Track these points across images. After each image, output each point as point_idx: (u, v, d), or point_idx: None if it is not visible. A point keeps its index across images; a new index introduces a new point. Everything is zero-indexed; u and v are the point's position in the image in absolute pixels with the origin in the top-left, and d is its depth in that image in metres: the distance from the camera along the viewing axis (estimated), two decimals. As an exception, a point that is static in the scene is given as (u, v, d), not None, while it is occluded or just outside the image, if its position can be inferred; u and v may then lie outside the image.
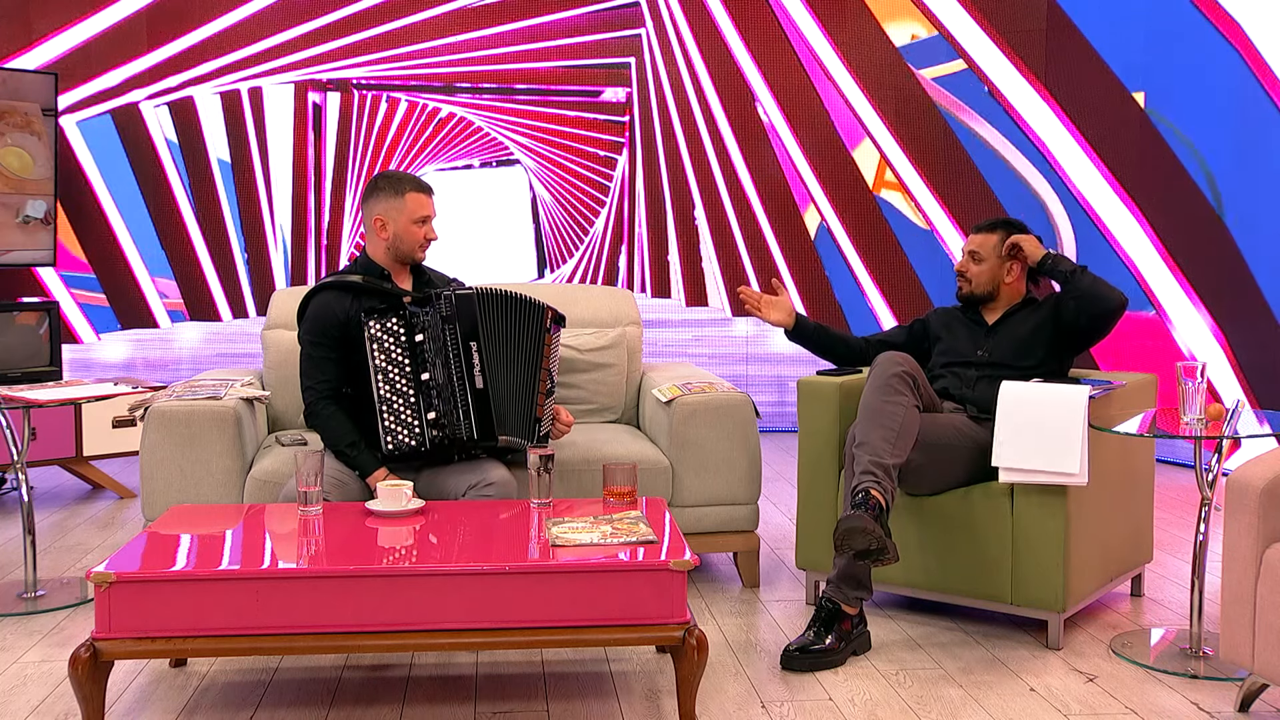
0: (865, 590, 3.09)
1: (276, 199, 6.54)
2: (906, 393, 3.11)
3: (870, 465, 2.98)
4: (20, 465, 3.51)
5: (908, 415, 3.08)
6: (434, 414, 3.14)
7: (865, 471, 2.97)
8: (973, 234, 3.54)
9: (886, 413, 3.07)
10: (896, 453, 3.02)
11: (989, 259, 3.49)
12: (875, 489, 2.93)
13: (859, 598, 3.07)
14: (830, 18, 6.53)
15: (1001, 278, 3.49)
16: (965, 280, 3.53)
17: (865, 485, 2.94)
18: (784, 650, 3.00)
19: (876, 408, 3.09)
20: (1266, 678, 2.52)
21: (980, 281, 3.50)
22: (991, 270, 3.49)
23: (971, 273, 3.51)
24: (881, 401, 3.09)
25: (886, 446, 3.01)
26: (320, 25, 6.43)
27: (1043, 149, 6.13)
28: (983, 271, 3.49)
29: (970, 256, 3.51)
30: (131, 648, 2.41)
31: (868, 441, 3.04)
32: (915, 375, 3.17)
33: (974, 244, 3.51)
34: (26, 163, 5.42)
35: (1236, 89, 5.30)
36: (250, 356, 6.33)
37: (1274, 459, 2.61)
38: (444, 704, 2.75)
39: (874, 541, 2.82)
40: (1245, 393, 5.30)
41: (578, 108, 6.69)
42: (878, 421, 3.06)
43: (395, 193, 3.24)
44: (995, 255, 3.49)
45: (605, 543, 2.59)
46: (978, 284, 3.51)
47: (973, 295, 3.52)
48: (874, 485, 2.93)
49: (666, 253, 6.76)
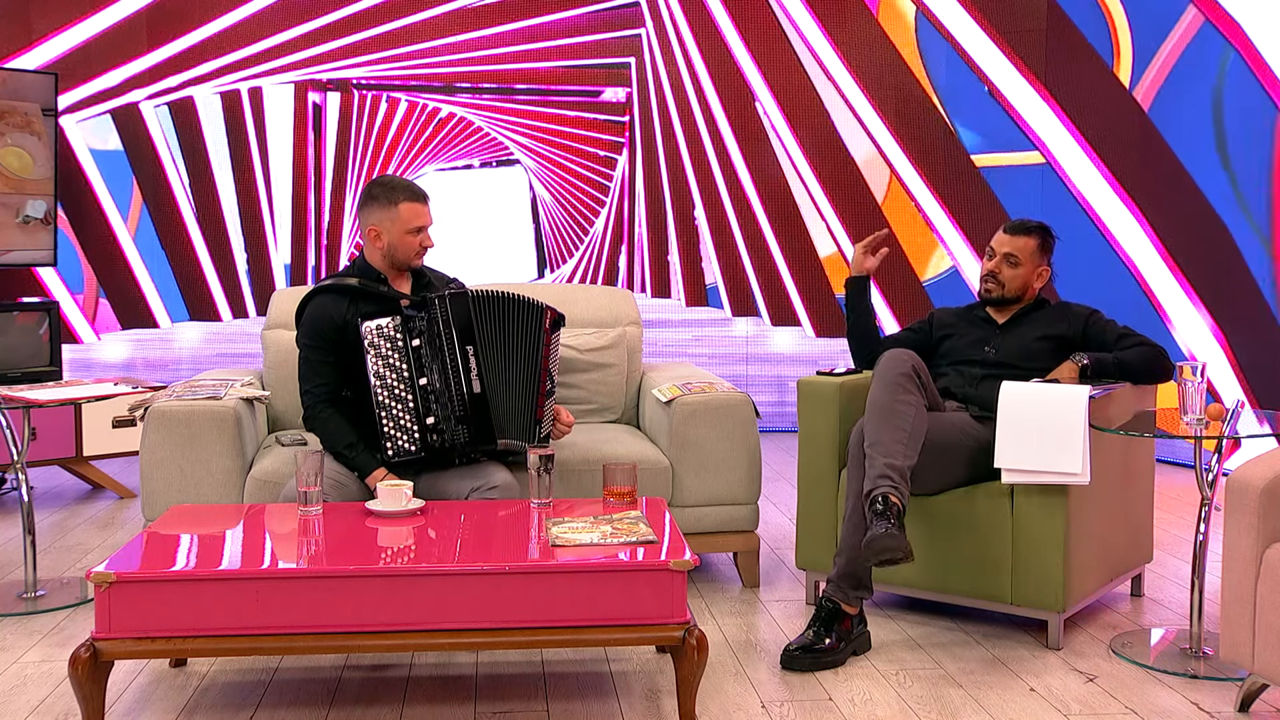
0: (866, 590, 3.08)
1: (276, 199, 6.54)
2: (914, 391, 3.10)
3: (885, 469, 2.96)
4: (20, 465, 3.51)
5: (917, 415, 3.07)
6: (432, 419, 3.14)
7: (881, 475, 2.95)
8: (1005, 235, 3.44)
9: (898, 412, 3.05)
10: (909, 454, 3.01)
11: (1026, 264, 3.41)
12: (894, 494, 2.91)
13: (860, 597, 3.07)
14: (830, 18, 6.53)
15: (1033, 283, 3.46)
16: (996, 283, 3.44)
17: (883, 490, 2.92)
18: (784, 650, 3.00)
19: (887, 406, 3.07)
20: (1266, 678, 2.52)
21: (1014, 286, 3.43)
22: (1026, 275, 3.43)
23: (1005, 275, 3.42)
24: (892, 400, 3.07)
25: (899, 448, 2.99)
26: (320, 25, 6.43)
27: (1043, 149, 6.14)
28: (1017, 276, 3.42)
29: (1005, 259, 3.42)
30: (131, 648, 2.41)
31: (880, 442, 3.01)
32: (921, 372, 3.16)
33: (1010, 246, 3.42)
34: (26, 163, 5.42)
35: (1236, 89, 5.30)
36: (250, 356, 6.33)
37: (1274, 459, 2.61)
38: (444, 704, 2.75)
39: (900, 554, 2.83)
40: (1245, 393, 5.30)
41: (578, 108, 6.69)
42: (890, 422, 3.04)
43: (389, 202, 3.21)
44: (1031, 261, 3.41)
45: (605, 543, 2.59)
46: (1011, 288, 3.43)
47: (1003, 298, 3.45)
48: (891, 490, 2.92)
49: (666, 253, 6.76)
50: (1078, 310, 3.46)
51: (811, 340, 6.69)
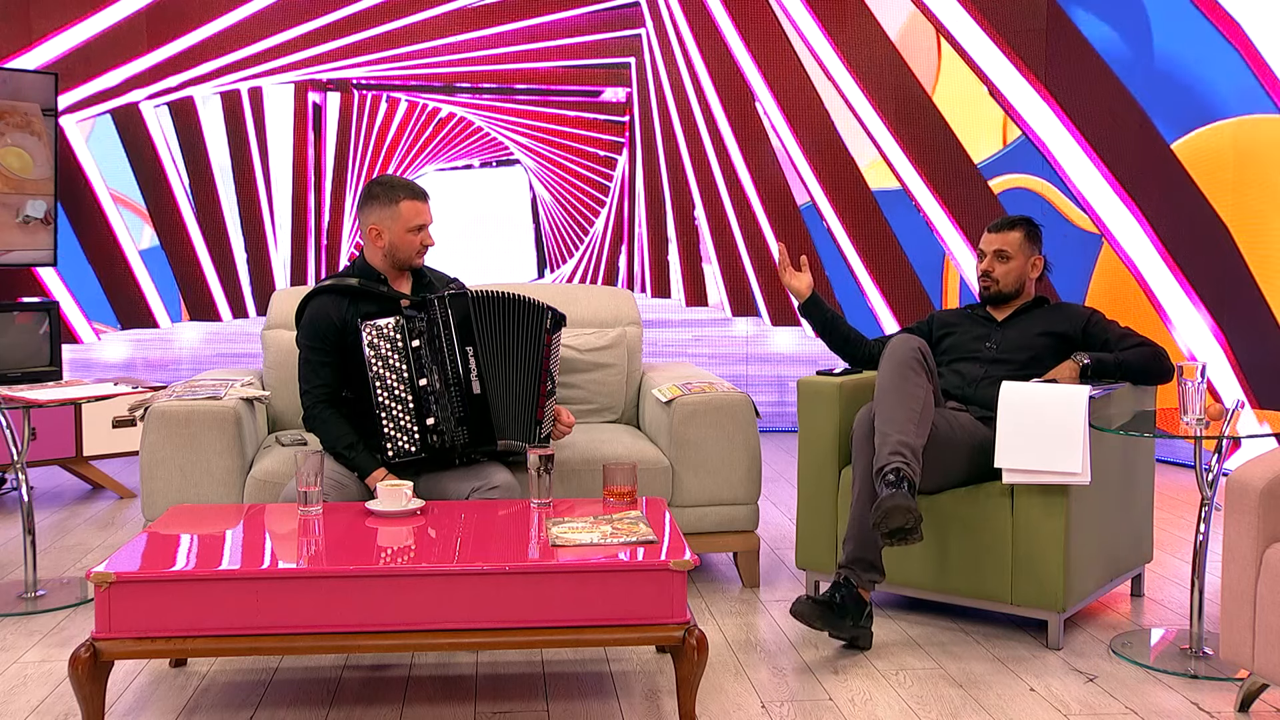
0: (878, 573, 3.09)
1: (276, 199, 6.54)
2: (923, 374, 3.12)
3: (898, 445, 2.97)
4: (20, 465, 3.51)
5: (926, 397, 3.09)
6: (432, 420, 3.14)
7: (894, 451, 2.96)
8: (991, 234, 3.50)
9: (908, 392, 3.06)
10: (920, 433, 3.03)
11: (1016, 256, 3.46)
12: (906, 469, 2.93)
13: (872, 580, 3.08)
14: (830, 18, 6.53)
15: (1028, 274, 3.49)
16: (992, 280, 3.49)
17: (896, 464, 2.94)
18: (797, 599, 3.00)
19: (898, 387, 3.07)
20: (1266, 678, 2.52)
21: (1009, 280, 3.47)
22: (1019, 268, 3.47)
23: (999, 272, 3.47)
24: (902, 381, 3.08)
25: (911, 426, 3.01)
26: (320, 25, 6.43)
27: (1043, 149, 6.13)
28: (1011, 270, 3.47)
29: (996, 256, 3.47)
30: (131, 648, 2.41)
31: (894, 418, 3.02)
32: (928, 357, 3.17)
33: (999, 243, 3.47)
34: (26, 163, 5.42)
35: (1236, 89, 5.30)
36: (250, 356, 6.33)
37: (1274, 459, 2.61)
38: (444, 704, 2.75)
39: (911, 520, 2.84)
40: (1245, 393, 5.30)
41: (578, 108, 6.69)
42: (901, 401, 3.05)
43: (390, 201, 3.21)
44: (1022, 253, 3.46)
45: (605, 543, 2.59)
46: (1006, 283, 3.48)
47: (1001, 294, 3.49)
48: (905, 465, 2.94)
49: (666, 253, 6.76)
50: (1078, 310, 3.47)
51: (811, 340, 6.69)
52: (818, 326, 3.63)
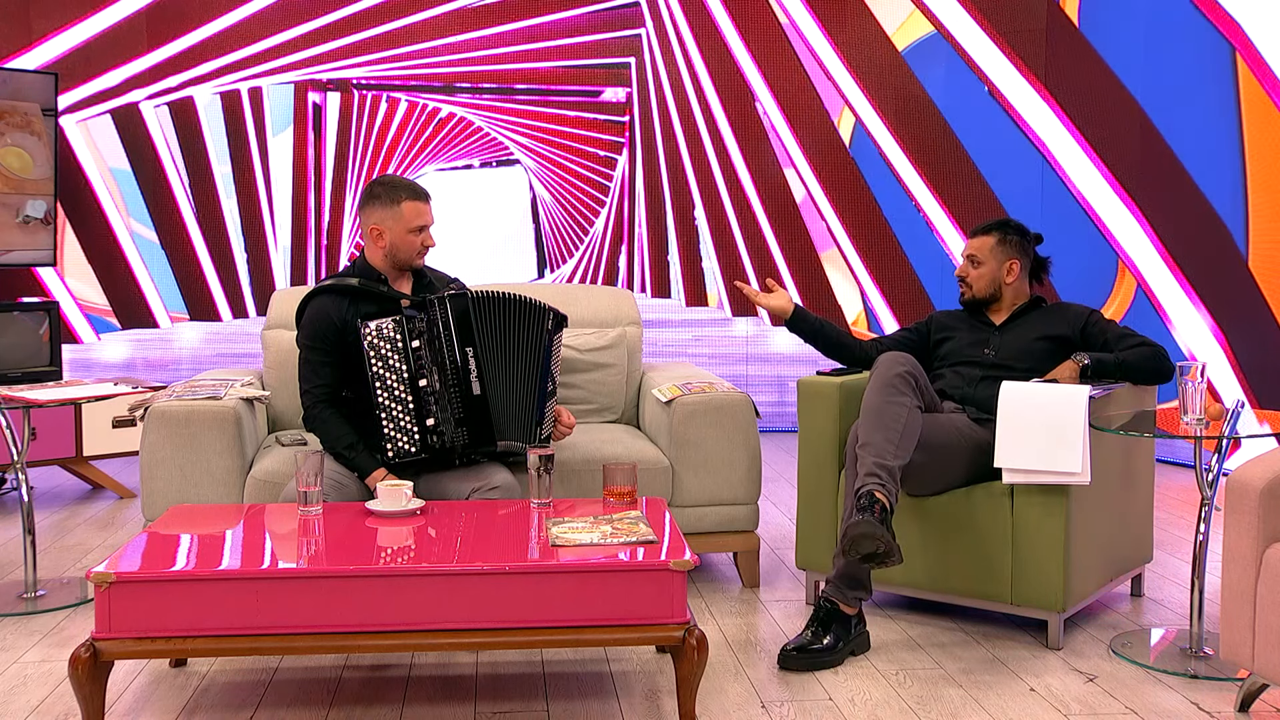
0: (865, 590, 3.09)
1: (276, 199, 6.54)
2: (908, 393, 3.11)
3: (874, 467, 2.98)
4: (20, 465, 3.51)
5: (910, 416, 3.08)
6: (432, 420, 3.14)
7: (869, 474, 2.97)
8: (970, 238, 3.56)
9: (889, 413, 3.07)
10: (899, 454, 3.02)
11: (987, 262, 3.49)
12: (880, 491, 2.93)
13: (858, 598, 3.07)
14: (830, 18, 6.53)
15: (1002, 279, 3.50)
16: (966, 285, 3.53)
17: (870, 488, 2.94)
18: (781, 650, 3.00)
19: (879, 408, 3.08)
20: (1266, 678, 2.52)
21: (981, 285, 3.51)
22: (991, 273, 3.49)
23: (971, 277, 3.51)
24: (884, 402, 3.09)
25: (890, 448, 3.01)
26: (320, 25, 6.43)
27: (1043, 149, 6.13)
28: (982, 275, 3.50)
29: (969, 261, 3.52)
30: (131, 648, 2.41)
31: (871, 442, 3.04)
32: (917, 375, 3.17)
33: (971, 248, 3.52)
34: (26, 163, 5.42)
35: (1236, 88, 5.30)
36: (250, 356, 6.33)
37: (1274, 459, 2.61)
38: (444, 704, 2.75)
39: (881, 545, 2.83)
40: (1245, 393, 5.30)
41: (578, 108, 6.69)
42: (881, 422, 3.06)
43: (391, 201, 3.21)
44: (993, 258, 3.49)
45: (605, 543, 2.59)
46: (979, 288, 3.51)
47: (975, 299, 3.52)
48: (878, 487, 2.94)
49: (666, 253, 6.76)
50: (1077, 310, 3.47)
51: (811, 340, 6.69)
52: (807, 337, 3.65)
